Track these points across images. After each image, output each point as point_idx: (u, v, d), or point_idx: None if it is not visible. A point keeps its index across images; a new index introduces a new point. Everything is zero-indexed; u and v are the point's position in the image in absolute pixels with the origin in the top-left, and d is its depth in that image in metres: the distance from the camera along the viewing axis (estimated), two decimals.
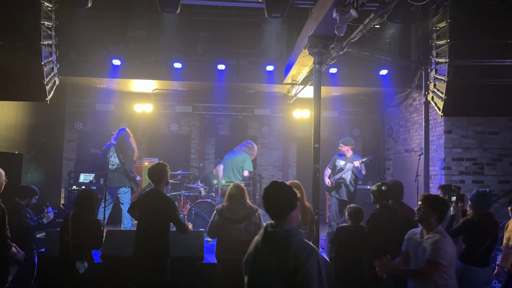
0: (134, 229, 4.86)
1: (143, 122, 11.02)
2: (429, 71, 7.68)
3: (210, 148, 11.65)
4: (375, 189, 4.78)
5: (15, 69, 6.62)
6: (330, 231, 6.79)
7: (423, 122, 8.22)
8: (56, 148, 10.25)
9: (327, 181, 7.76)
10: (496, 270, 4.73)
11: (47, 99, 7.07)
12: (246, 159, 7.90)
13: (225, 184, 7.52)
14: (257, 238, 2.60)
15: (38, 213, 5.62)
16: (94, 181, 9.29)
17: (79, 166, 10.59)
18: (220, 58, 9.07)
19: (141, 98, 10.53)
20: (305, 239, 2.57)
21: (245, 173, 7.86)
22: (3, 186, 4.24)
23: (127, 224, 7.47)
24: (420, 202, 3.63)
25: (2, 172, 4.24)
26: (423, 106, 8.24)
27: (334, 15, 4.80)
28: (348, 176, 7.74)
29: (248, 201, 4.98)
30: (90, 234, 4.54)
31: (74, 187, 9.14)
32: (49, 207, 5.61)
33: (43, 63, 6.64)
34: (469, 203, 4.59)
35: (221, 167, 9.31)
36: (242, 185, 5.06)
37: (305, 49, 6.21)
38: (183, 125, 11.61)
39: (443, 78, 6.99)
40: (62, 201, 9.80)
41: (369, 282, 4.50)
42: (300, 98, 9.83)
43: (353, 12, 4.61)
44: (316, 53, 6.00)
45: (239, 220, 4.76)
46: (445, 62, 6.88)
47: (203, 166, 11.39)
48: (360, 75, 9.28)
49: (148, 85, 9.87)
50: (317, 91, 6.03)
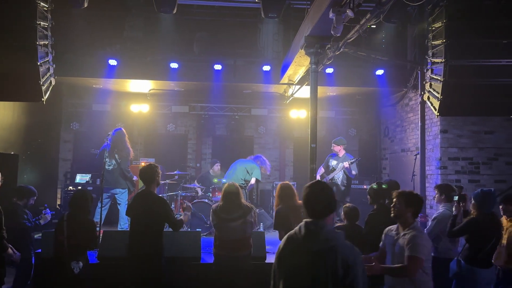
0: None
1: (140, 122, 11.00)
2: (425, 71, 7.70)
3: (207, 148, 11.65)
4: (372, 189, 4.79)
5: (11, 70, 6.59)
6: None
7: (419, 122, 8.25)
8: (52, 149, 10.21)
9: None
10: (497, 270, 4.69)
11: (43, 100, 7.05)
12: (256, 168, 8.47)
13: None
14: (294, 235, 2.54)
15: (36, 214, 5.62)
16: (91, 182, 9.28)
17: (76, 167, 10.57)
18: (217, 58, 9.07)
19: (138, 98, 10.52)
20: None
21: (253, 180, 8.36)
22: None
23: (124, 225, 7.46)
24: (395, 199, 3.63)
25: None
26: (419, 106, 8.27)
27: (331, 15, 4.81)
28: (340, 176, 7.86)
29: (243, 200, 5.02)
30: (85, 235, 4.54)
31: (71, 188, 9.12)
32: (47, 209, 5.62)
33: (39, 64, 6.61)
34: (473, 202, 4.53)
35: (218, 167, 9.39)
36: (237, 185, 5.09)
37: (302, 49, 6.23)
38: (180, 125, 11.60)
39: (439, 78, 7.01)
40: (59, 202, 9.76)
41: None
42: (297, 98, 9.86)
43: (350, 13, 4.63)
44: (313, 53, 6.03)
45: (235, 219, 4.80)
46: (441, 62, 6.91)
47: (200, 166, 11.39)
48: (357, 75, 9.30)
49: (145, 85, 9.85)
50: (314, 91, 6.05)
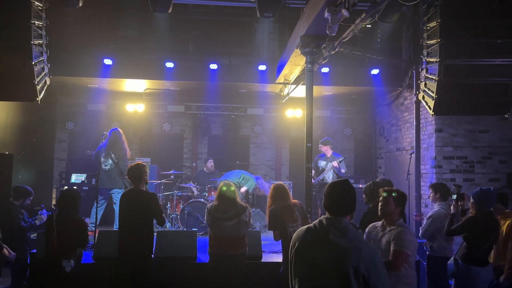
0: None
1: (135, 122, 10.97)
2: (420, 71, 7.73)
3: (203, 148, 11.64)
4: (368, 188, 4.80)
5: (5, 69, 6.57)
6: None
7: (414, 121, 8.28)
8: (47, 149, 10.16)
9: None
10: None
11: (38, 99, 7.03)
12: (252, 181, 8.65)
13: None
14: (315, 229, 2.54)
15: (32, 214, 5.61)
16: (86, 182, 9.24)
17: (71, 166, 10.52)
18: (212, 58, 9.06)
19: (133, 98, 10.48)
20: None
21: (243, 189, 8.41)
22: None
23: None
24: (386, 197, 3.61)
25: None
26: (414, 105, 8.30)
27: (326, 15, 4.83)
28: (330, 176, 7.98)
29: (239, 200, 5.04)
30: (75, 233, 4.62)
31: (66, 188, 9.07)
32: (44, 209, 5.63)
33: (34, 63, 6.59)
34: (472, 201, 4.53)
35: (211, 163, 9.49)
36: (233, 184, 5.13)
37: (297, 49, 6.24)
38: (176, 125, 11.58)
39: (434, 77, 7.04)
40: (54, 202, 9.72)
41: None
42: (293, 98, 9.86)
43: (345, 12, 4.64)
44: (308, 53, 6.04)
45: (229, 218, 4.83)
46: (436, 62, 6.94)
47: (196, 166, 11.38)
48: (352, 75, 9.32)
49: (140, 85, 9.82)
50: (309, 91, 6.06)
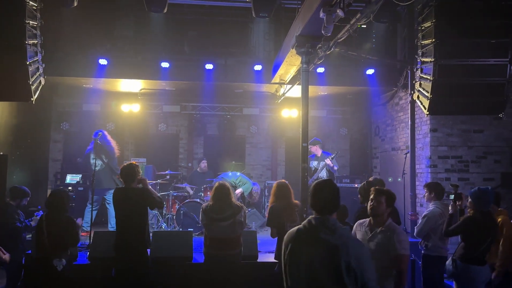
0: None
1: (131, 122, 10.94)
2: (415, 70, 7.76)
3: (199, 148, 11.63)
4: (363, 188, 4.83)
5: (0, 69, 6.53)
6: None
7: (409, 121, 8.31)
8: (42, 149, 10.12)
9: None
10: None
11: (33, 99, 6.98)
12: (249, 185, 8.62)
13: None
14: (304, 228, 2.61)
15: (28, 215, 5.61)
16: (81, 182, 9.21)
17: (66, 167, 10.47)
18: (208, 58, 9.06)
19: (128, 98, 10.45)
20: None
21: (238, 190, 8.41)
22: None
23: (115, 224, 7.43)
24: (377, 197, 3.61)
25: None
26: (409, 105, 8.32)
27: (321, 15, 4.84)
28: (324, 175, 8.02)
29: (234, 200, 5.05)
30: (65, 232, 4.70)
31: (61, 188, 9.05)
32: (40, 210, 5.64)
33: (28, 63, 6.55)
34: (469, 201, 4.54)
35: (205, 164, 9.49)
36: (228, 184, 5.14)
37: (293, 49, 6.24)
38: (171, 125, 11.57)
39: (429, 77, 7.07)
40: None
41: None
42: (288, 98, 9.87)
43: (340, 12, 4.65)
44: (304, 53, 6.04)
45: (224, 218, 4.85)
46: (431, 62, 6.97)
47: (192, 166, 11.37)
48: (347, 75, 9.34)
49: (135, 85, 9.79)
50: (305, 91, 6.07)
